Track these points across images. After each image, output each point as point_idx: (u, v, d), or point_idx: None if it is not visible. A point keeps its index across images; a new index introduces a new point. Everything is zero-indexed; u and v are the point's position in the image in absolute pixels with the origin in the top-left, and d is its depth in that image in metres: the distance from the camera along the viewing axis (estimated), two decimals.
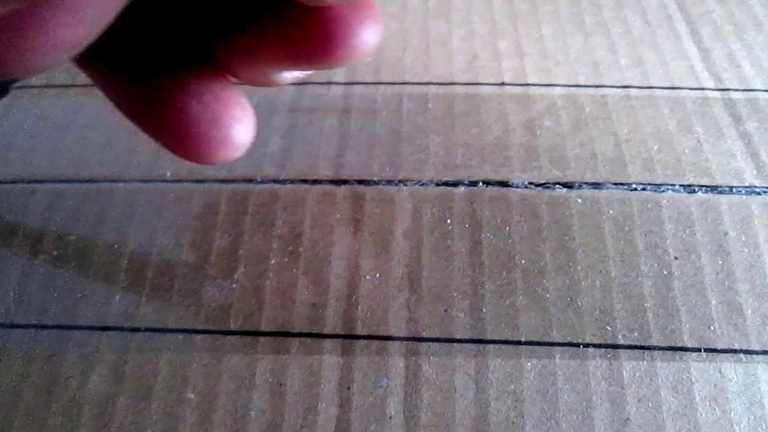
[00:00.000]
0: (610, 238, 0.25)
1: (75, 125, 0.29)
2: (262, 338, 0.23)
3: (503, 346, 0.22)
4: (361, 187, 0.26)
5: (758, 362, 0.22)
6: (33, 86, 0.30)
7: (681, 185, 0.26)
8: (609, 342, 0.22)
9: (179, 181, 0.27)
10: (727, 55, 0.30)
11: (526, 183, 0.26)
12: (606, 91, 0.29)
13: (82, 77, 0.16)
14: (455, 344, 0.23)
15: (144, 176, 0.27)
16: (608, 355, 0.22)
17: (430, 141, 0.28)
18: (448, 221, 0.25)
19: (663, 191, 0.26)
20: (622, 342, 0.22)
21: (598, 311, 0.23)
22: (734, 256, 0.24)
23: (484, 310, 0.23)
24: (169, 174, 0.27)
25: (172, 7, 0.15)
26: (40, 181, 0.27)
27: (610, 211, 0.25)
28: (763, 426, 0.21)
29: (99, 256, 0.25)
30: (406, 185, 0.26)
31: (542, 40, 0.31)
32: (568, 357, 0.22)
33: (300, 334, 0.23)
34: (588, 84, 0.29)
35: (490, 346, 0.22)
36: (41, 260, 0.25)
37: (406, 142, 0.28)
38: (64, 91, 0.30)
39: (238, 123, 0.16)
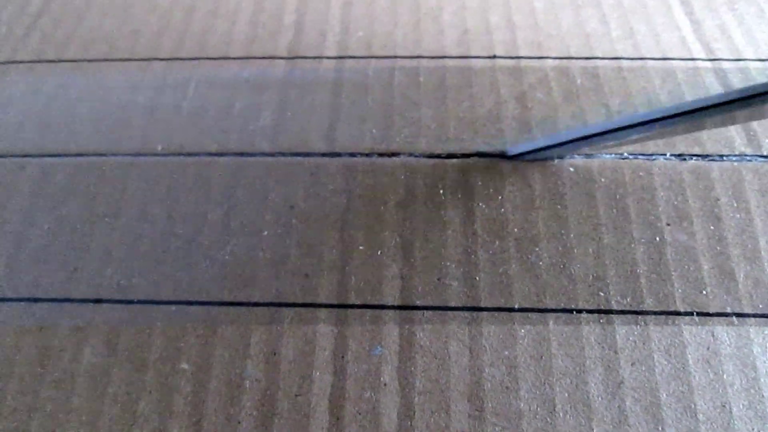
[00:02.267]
0: (602, 205, 0.25)
1: (65, 100, 0.29)
2: (256, 309, 0.23)
3: (497, 313, 0.23)
4: (354, 159, 0.26)
5: (750, 325, 0.22)
6: (22, 62, 0.30)
7: (673, 154, 0.26)
8: (602, 308, 0.23)
9: (171, 154, 0.27)
10: (719, 25, 0.30)
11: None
12: (597, 62, 0.29)
13: (71, 52, 0.16)
14: (449, 312, 0.23)
15: (136, 150, 0.27)
16: (601, 321, 0.22)
17: (422, 114, 0.28)
18: (441, 191, 0.25)
19: (654, 159, 0.26)
20: (615, 307, 0.23)
21: (591, 278, 0.23)
22: (726, 222, 0.24)
23: (477, 278, 0.23)
24: (160, 148, 0.27)
25: None
26: (30, 156, 0.27)
27: (602, 179, 0.25)
28: (756, 387, 0.21)
29: (91, 230, 0.25)
30: (398, 157, 0.26)
31: (534, 13, 0.31)
32: (561, 323, 0.22)
33: (294, 305, 0.23)
34: (579, 56, 0.29)
35: (484, 314, 0.23)
36: (33, 234, 0.25)
37: (398, 116, 0.28)
38: (53, 67, 0.30)
39: None
